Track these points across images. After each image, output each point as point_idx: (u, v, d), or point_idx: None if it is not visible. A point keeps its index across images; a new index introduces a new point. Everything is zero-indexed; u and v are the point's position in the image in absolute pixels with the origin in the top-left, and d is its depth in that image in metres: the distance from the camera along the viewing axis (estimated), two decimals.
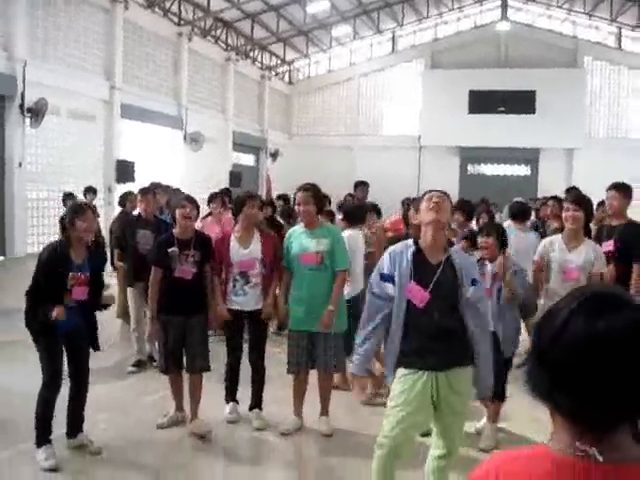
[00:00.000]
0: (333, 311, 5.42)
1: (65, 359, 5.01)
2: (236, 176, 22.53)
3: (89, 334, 5.10)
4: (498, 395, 5.03)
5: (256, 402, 5.92)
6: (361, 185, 10.73)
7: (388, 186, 21.29)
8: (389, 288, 3.78)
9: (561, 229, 6.10)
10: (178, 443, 5.41)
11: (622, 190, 6.03)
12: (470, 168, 27.99)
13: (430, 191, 3.89)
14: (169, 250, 5.51)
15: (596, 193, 9.43)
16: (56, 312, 4.63)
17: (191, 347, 5.60)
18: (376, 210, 8.56)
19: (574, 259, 5.38)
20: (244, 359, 5.95)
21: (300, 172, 20.93)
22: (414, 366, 3.70)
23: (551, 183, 23.00)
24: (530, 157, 26.97)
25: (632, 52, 26.88)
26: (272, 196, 21.91)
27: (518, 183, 25.55)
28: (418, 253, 3.77)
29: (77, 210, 4.95)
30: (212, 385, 5.94)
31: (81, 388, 5.09)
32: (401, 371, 3.75)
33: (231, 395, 5.95)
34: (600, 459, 1.29)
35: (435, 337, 3.66)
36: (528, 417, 5.39)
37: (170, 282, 5.53)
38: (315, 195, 5.55)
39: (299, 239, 5.58)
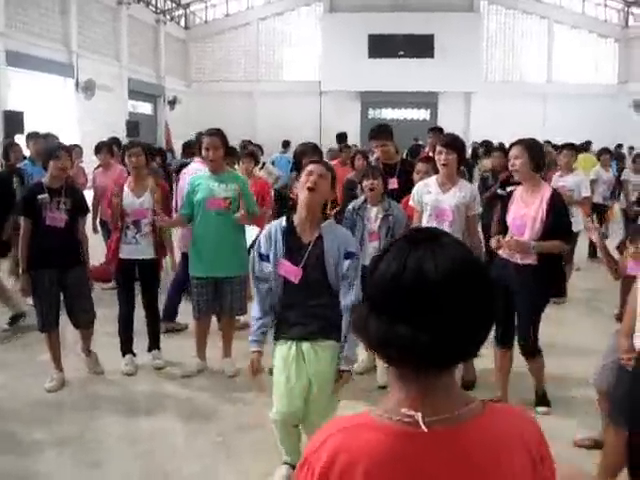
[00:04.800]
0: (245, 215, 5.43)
1: None
2: (133, 125, 21.87)
3: None
4: None
5: (154, 342, 5.90)
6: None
7: (289, 132, 21.10)
8: (267, 267, 3.72)
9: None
10: (72, 404, 5.18)
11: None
12: (371, 112, 28.07)
13: (313, 161, 3.76)
14: (39, 197, 5.20)
15: (494, 135, 9.44)
16: None
17: (70, 303, 5.44)
18: None
19: (447, 199, 5.13)
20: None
21: (200, 119, 20.53)
22: (285, 337, 3.72)
23: (450, 126, 23.25)
24: (429, 101, 27.31)
25: None
26: (172, 144, 21.50)
27: (418, 126, 25.70)
28: (290, 230, 3.70)
29: None
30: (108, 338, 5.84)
31: None
32: (277, 344, 3.77)
33: (127, 346, 5.82)
34: (424, 429, 1.22)
35: (307, 311, 3.66)
36: None
37: (41, 233, 5.23)
38: (223, 139, 5.55)
39: (206, 184, 5.51)
